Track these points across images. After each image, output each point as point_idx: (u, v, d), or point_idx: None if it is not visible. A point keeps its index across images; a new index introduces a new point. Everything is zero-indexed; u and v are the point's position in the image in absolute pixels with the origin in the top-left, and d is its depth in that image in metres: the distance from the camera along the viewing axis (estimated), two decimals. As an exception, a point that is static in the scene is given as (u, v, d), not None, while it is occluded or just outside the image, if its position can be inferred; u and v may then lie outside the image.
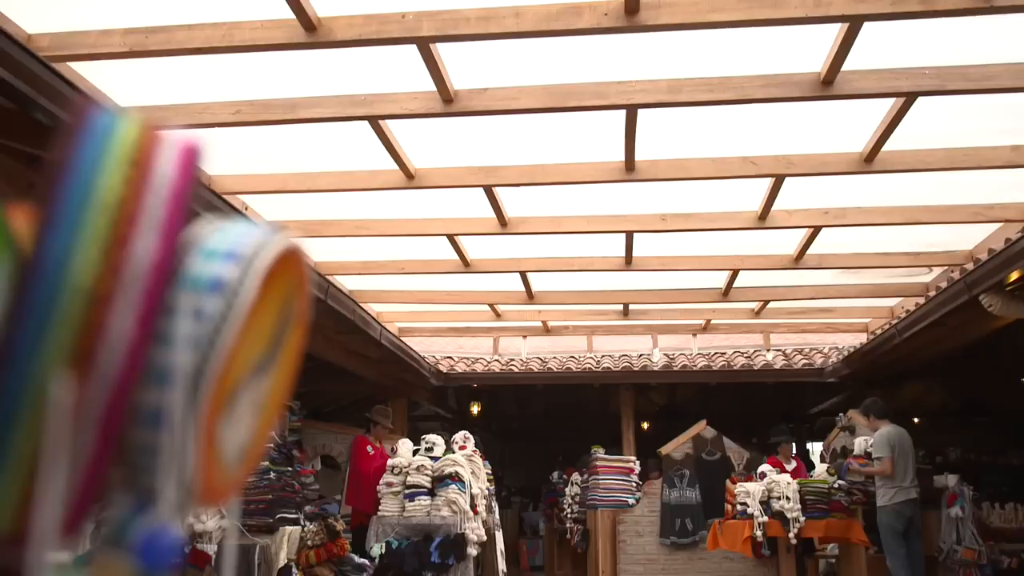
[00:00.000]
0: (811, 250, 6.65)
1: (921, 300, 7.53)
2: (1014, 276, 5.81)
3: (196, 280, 0.62)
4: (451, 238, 6.41)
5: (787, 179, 5.20)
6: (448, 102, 4.15)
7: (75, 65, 3.82)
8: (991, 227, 6.16)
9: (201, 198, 4.21)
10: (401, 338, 9.23)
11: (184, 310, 0.59)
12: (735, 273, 7.43)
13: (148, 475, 0.56)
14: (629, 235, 6.35)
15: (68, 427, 0.51)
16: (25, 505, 0.51)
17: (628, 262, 6.95)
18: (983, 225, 6.11)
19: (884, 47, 3.86)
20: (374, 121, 4.37)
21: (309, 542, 5.59)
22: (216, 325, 0.59)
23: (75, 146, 0.62)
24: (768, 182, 5.33)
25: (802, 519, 7.55)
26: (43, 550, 0.49)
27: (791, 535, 7.53)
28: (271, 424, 0.68)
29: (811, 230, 6.20)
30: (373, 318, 8.01)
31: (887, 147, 4.69)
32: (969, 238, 6.47)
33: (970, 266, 6.41)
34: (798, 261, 6.82)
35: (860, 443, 8.11)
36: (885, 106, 4.33)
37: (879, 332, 8.77)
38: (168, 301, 0.59)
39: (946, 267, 7.02)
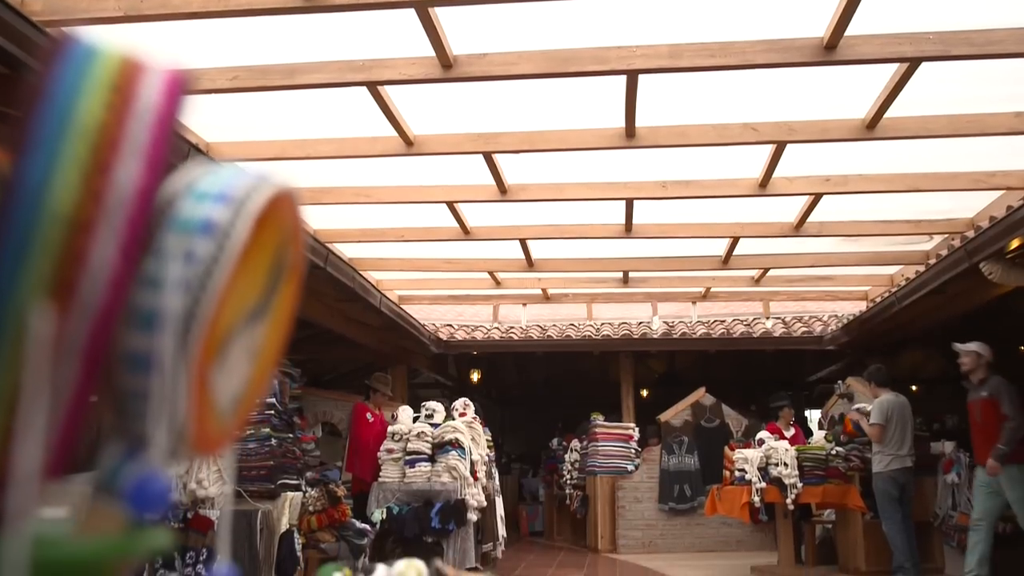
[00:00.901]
0: (812, 218, 6.63)
1: (921, 268, 7.52)
2: (1015, 244, 5.80)
3: (186, 222, 0.61)
4: (451, 205, 6.38)
5: (788, 146, 5.17)
6: (447, 67, 4.11)
7: (69, 30, 3.77)
8: (993, 195, 6.13)
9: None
10: (401, 306, 9.23)
11: (173, 252, 0.58)
12: (735, 241, 7.41)
13: (138, 422, 0.55)
14: (629, 202, 6.33)
15: (49, 360, 0.50)
16: (5, 442, 0.51)
17: (628, 229, 6.93)
18: (985, 193, 6.08)
19: (888, 12, 3.82)
20: (373, 87, 4.34)
21: (311, 507, 5.64)
22: (207, 268, 0.58)
23: (55, 70, 0.61)
24: (769, 149, 5.30)
25: (800, 485, 7.62)
26: (26, 491, 0.49)
27: (788, 501, 7.60)
28: (266, 374, 0.67)
29: (812, 197, 6.18)
30: (373, 286, 8.01)
31: (889, 113, 4.66)
32: (970, 206, 6.45)
33: (971, 234, 6.39)
34: (798, 229, 6.81)
35: (858, 409, 8.15)
36: (888, 72, 4.29)
37: (879, 300, 8.77)
38: (153, 233, 0.58)
39: (947, 235, 7.01)
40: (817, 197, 6.14)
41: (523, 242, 7.52)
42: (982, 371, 6.79)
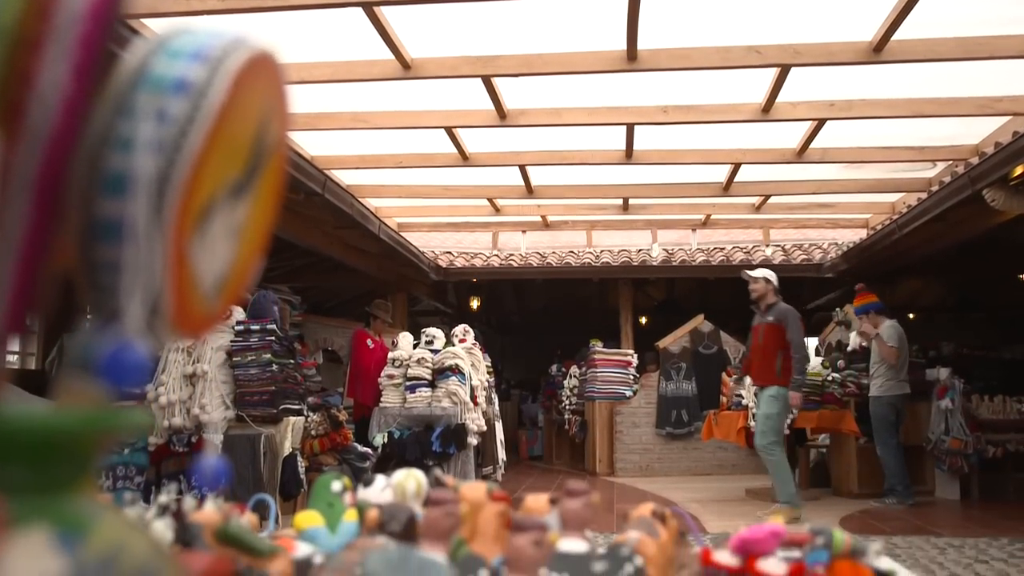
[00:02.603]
0: (814, 144, 6.56)
1: (923, 195, 7.48)
2: (1019, 170, 5.76)
3: (159, 81, 0.57)
4: (449, 131, 6.31)
5: (793, 69, 5.08)
6: (445, -13, 4.01)
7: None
8: (999, 120, 6.06)
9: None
10: (400, 233, 9.21)
11: (145, 112, 0.54)
12: (736, 167, 7.35)
13: (112, 295, 0.52)
14: (630, 127, 6.26)
15: None
16: None
17: (628, 155, 6.87)
18: (990, 119, 6.01)
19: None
20: (369, 8, 4.24)
21: (313, 432, 5.72)
22: (181, 128, 0.55)
23: None
24: (773, 72, 5.21)
25: (795, 410, 7.71)
26: None
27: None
28: (252, 256, 0.64)
29: (815, 123, 6.10)
30: (371, 212, 7.98)
31: (897, 36, 4.56)
32: (975, 132, 6.38)
33: (975, 160, 6.34)
34: (801, 155, 6.75)
35: (855, 337, 8.21)
36: (897, -8, 4.19)
37: (879, 228, 8.75)
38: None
39: (950, 162, 6.95)
40: (820, 123, 6.07)
41: (522, 168, 7.46)
42: (770, 297, 6.90)
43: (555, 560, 0.88)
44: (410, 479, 1.20)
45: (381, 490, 1.23)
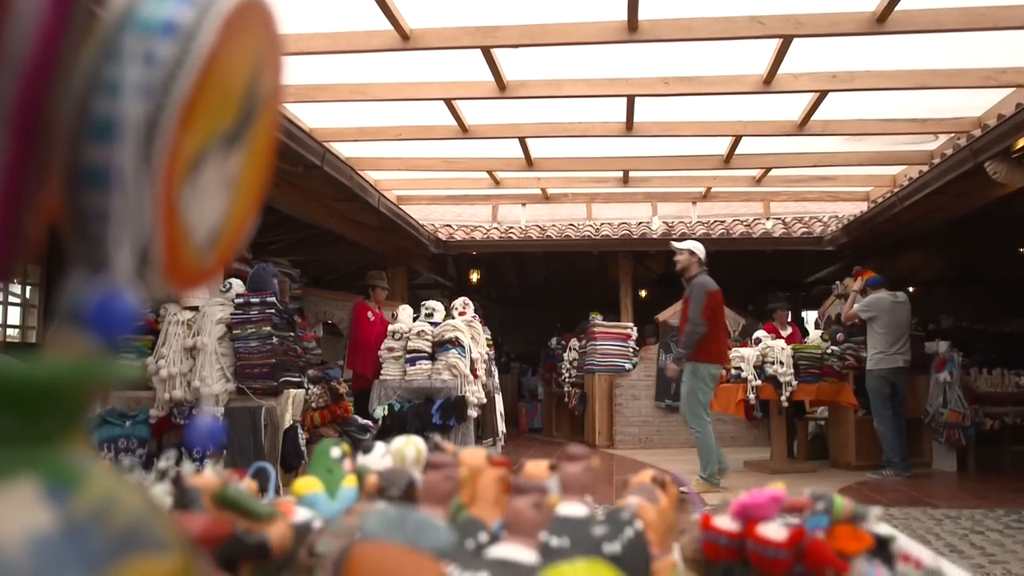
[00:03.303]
0: (816, 116, 6.52)
1: (925, 168, 7.44)
2: (1022, 143, 5.72)
3: (146, 23, 0.55)
4: (448, 103, 6.27)
5: (795, 40, 5.04)
6: (444, -44, 3.96)
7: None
8: (1002, 92, 6.02)
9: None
10: (399, 206, 9.18)
11: (131, 54, 0.52)
12: (737, 139, 7.32)
13: (101, 245, 0.51)
14: (630, 99, 6.22)
15: None
16: None
17: (629, 127, 6.83)
18: (994, 91, 5.97)
19: None
20: (366, -23, 4.19)
21: (313, 404, 5.74)
22: (170, 72, 0.53)
23: None
24: (775, 43, 5.17)
25: (795, 383, 7.74)
26: None
27: (783, 398, 7.73)
28: (246, 210, 0.63)
29: (817, 95, 6.06)
30: (371, 185, 7.95)
31: (901, 6, 4.52)
32: (978, 104, 6.34)
33: (977, 132, 6.30)
34: (802, 127, 6.71)
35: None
36: (901, -39, 4.14)
37: (880, 200, 8.72)
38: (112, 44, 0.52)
39: (953, 134, 6.91)
40: (822, 94, 6.03)
41: (522, 140, 7.42)
42: (693, 269, 6.93)
43: (555, 524, 0.88)
44: (409, 446, 1.20)
45: (381, 457, 1.23)
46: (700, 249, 6.96)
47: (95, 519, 0.41)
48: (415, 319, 7.25)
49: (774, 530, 0.98)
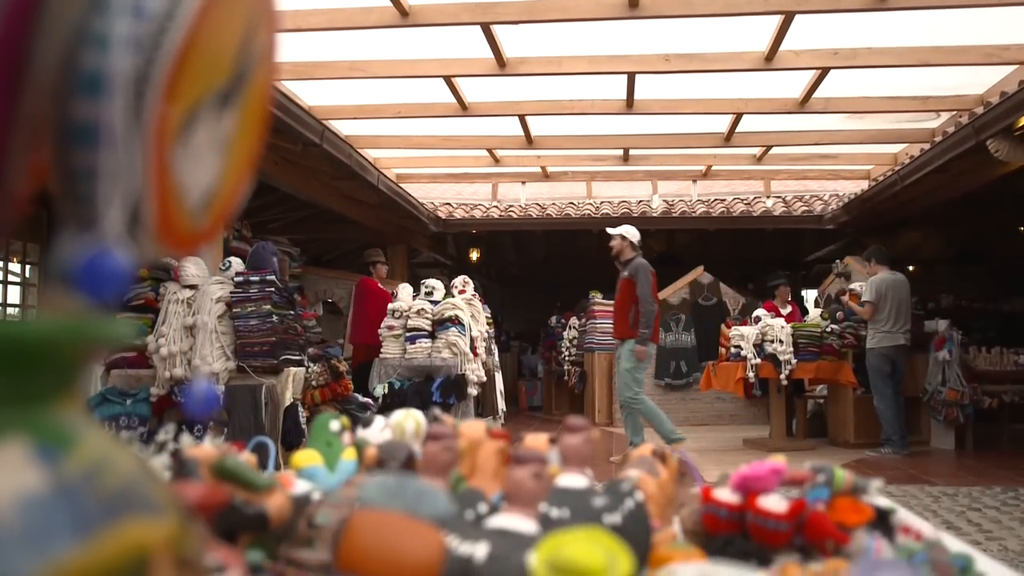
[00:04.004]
0: (817, 93, 6.48)
1: (926, 146, 7.41)
2: (1024, 120, 5.69)
3: None
4: (448, 80, 6.23)
5: (797, 16, 4.99)
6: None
7: None
8: (1005, 69, 5.97)
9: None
10: (399, 184, 9.15)
11: (120, 7, 0.51)
12: (738, 117, 7.28)
13: (91, 204, 0.50)
14: (631, 76, 6.17)
15: None
16: None
17: (629, 105, 6.79)
18: (997, 68, 5.93)
19: None
20: (365, -49, 4.15)
21: (313, 382, 5.75)
22: (160, 25, 0.52)
23: None
24: (777, 20, 5.12)
25: (794, 361, 7.75)
26: None
27: (782, 376, 7.74)
28: (241, 172, 0.62)
29: (819, 72, 6.02)
30: (370, 163, 7.92)
31: (904, -19, 4.48)
32: (981, 81, 6.30)
33: (980, 110, 6.26)
34: (803, 105, 6.67)
35: (857, 286, 8.22)
36: (905, -65, 4.10)
37: (881, 179, 8.69)
38: None
39: (955, 112, 6.87)
40: (824, 71, 5.98)
41: (522, 118, 7.38)
42: (627, 253, 7.09)
43: (555, 495, 0.88)
44: (409, 419, 1.20)
45: (380, 430, 1.23)
46: (633, 233, 7.13)
47: (87, 480, 0.40)
48: (415, 297, 7.24)
49: (774, 502, 0.97)
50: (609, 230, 7.24)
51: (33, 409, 0.41)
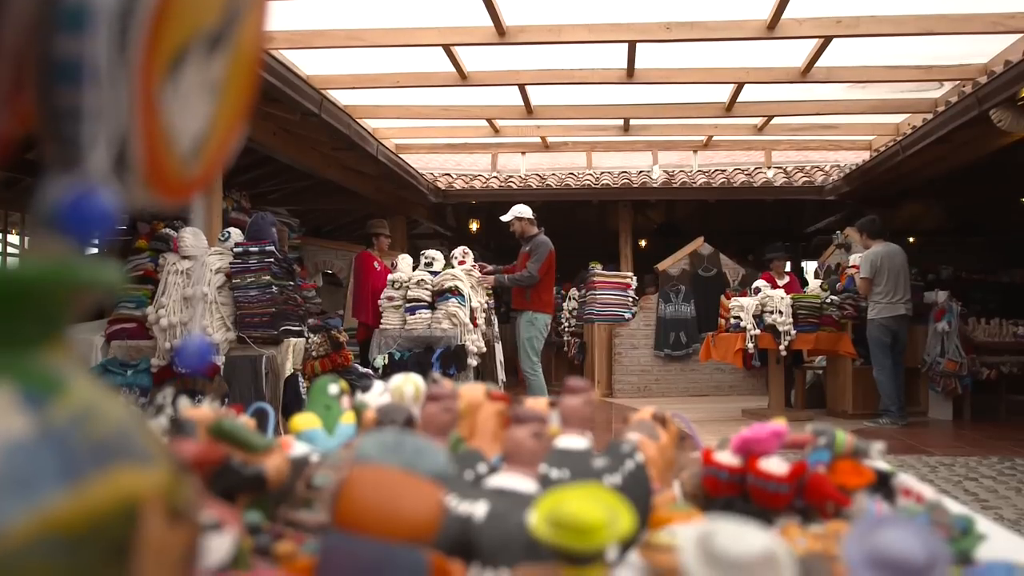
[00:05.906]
0: (819, 63, 6.42)
1: (929, 116, 7.36)
2: (1028, 89, 5.65)
3: None
4: (447, 49, 6.17)
5: (800, -17, 4.94)
6: None
7: None
8: (1010, 39, 5.91)
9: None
10: (398, 154, 9.10)
11: None
12: (739, 87, 7.22)
13: (75, 145, 0.48)
14: (632, 45, 6.12)
15: None
16: None
17: (630, 74, 6.74)
18: (1001, 37, 5.86)
19: None
20: (362, -84, 4.09)
21: (314, 353, 5.75)
22: None
23: None
24: (780, -14, 5.06)
25: (793, 332, 7.75)
26: None
27: (782, 347, 7.75)
28: (232, 117, 0.60)
29: (821, 40, 5.96)
30: (369, 133, 7.86)
31: (909, -54, 4.42)
32: (985, 51, 6.23)
33: (983, 80, 6.21)
34: (805, 74, 6.61)
35: (856, 258, 8.21)
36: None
37: (883, 149, 8.64)
38: None
39: (958, 81, 6.81)
40: (826, 40, 5.92)
41: (522, 88, 7.32)
42: (530, 230, 7.43)
43: (554, 455, 0.88)
44: (408, 383, 1.19)
45: (379, 395, 1.22)
46: (525, 211, 7.38)
47: (75, 426, 0.40)
48: (415, 268, 7.23)
49: (775, 464, 0.97)
50: (503, 217, 7.45)
51: (18, 354, 0.40)
